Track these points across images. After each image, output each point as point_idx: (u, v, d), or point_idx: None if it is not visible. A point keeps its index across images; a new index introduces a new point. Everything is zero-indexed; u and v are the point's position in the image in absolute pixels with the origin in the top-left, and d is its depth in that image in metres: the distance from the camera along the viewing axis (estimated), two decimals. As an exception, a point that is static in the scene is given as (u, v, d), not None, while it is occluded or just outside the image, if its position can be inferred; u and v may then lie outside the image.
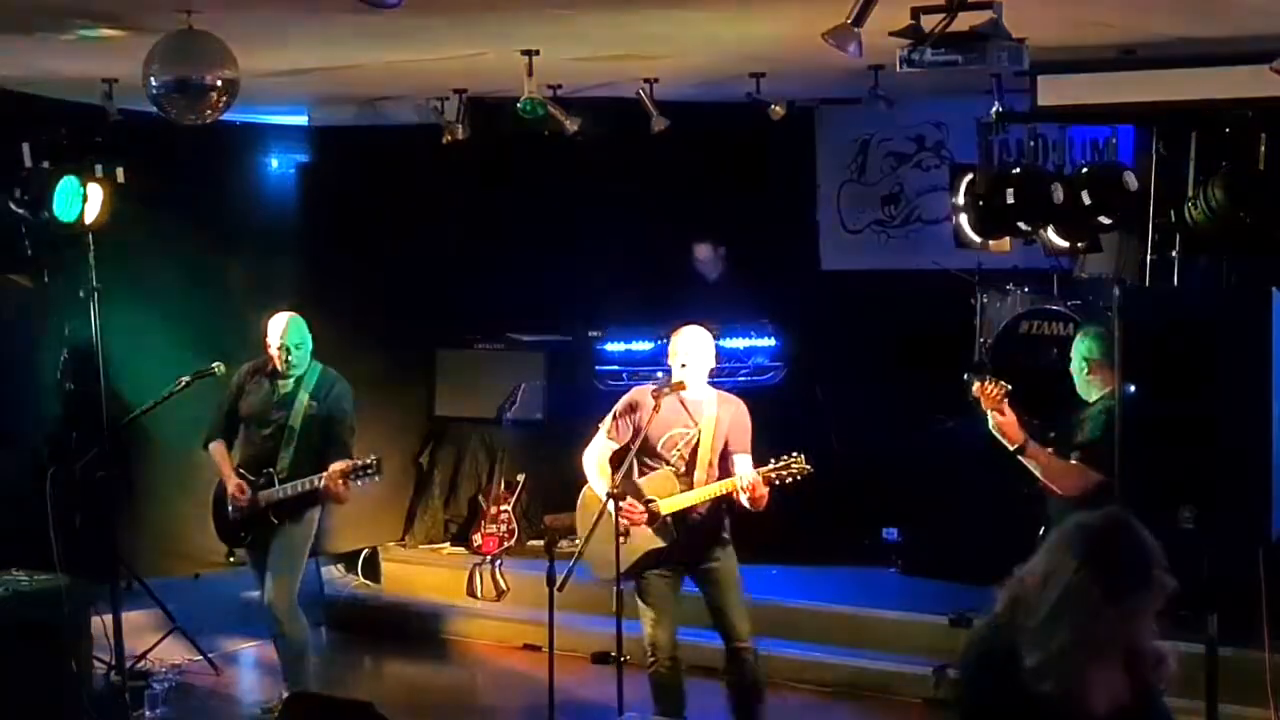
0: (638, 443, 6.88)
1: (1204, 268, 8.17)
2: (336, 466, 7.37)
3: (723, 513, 7.00)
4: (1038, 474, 6.69)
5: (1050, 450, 6.75)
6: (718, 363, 7.25)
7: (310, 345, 7.74)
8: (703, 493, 6.88)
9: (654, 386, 7.00)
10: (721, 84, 9.05)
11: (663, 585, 6.99)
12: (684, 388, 6.87)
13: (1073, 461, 6.66)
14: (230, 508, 7.66)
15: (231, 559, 7.91)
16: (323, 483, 7.40)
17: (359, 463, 7.39)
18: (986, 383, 6.68)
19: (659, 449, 6.95)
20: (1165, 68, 7.43)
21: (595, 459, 7.04)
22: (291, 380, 7.70)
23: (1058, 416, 7.05)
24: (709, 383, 7.06)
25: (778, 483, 6.81)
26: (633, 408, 7.00)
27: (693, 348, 6.99)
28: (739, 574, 7.05)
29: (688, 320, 7.22)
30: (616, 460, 6.99)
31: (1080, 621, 3.34)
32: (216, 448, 7.81)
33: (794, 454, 6.85)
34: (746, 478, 6.79)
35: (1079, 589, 3.35)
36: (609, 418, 7.07)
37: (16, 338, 8.47)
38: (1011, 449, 6.67)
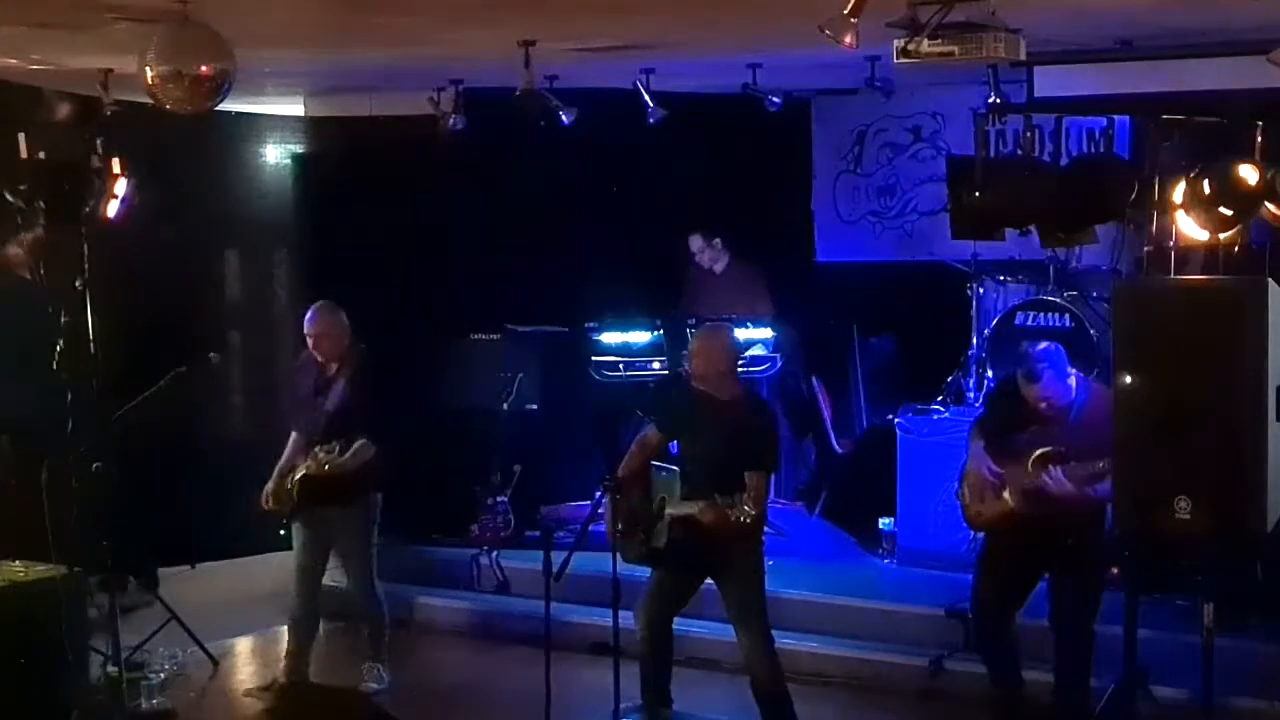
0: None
1: (1200, 259, 8.17)
2: (315, 459, 7.64)
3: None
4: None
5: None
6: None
7: (338, 330, 7.91)
8: (680, 506, 6.83)
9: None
10: (718, 74, 9.06)
11: (664, 572, 7.02)
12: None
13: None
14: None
15: (282, 532, 8.07)
16: (305, 470, 7.69)
17: (321, 456, 7.61)
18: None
19: (683, 448, 6.98)
20: (1162, 58, 7.44)
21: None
22: (332, 367, 7.91)
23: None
24: (742, 382, 7.07)
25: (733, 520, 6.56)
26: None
27: (699, 345, 7.00)
28: (749, 585, 6.95)
29: (683, 312, 7.25)
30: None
31: None
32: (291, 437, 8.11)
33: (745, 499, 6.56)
34: (709, 511, 6.61)
35: None
36: None
37: (11, 328, 8.45)
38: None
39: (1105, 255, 9.33)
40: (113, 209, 8.00)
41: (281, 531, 8.08)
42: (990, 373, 9.28)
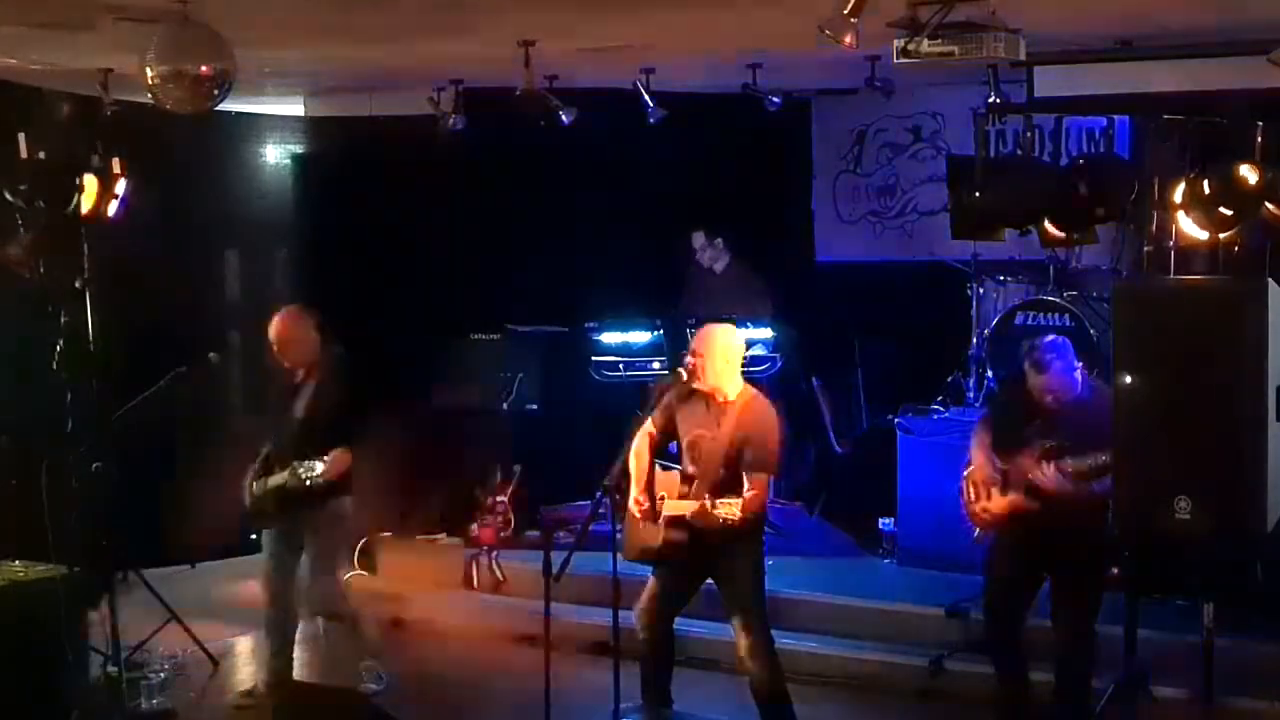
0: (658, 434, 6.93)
1: (1200, 259, 8.18)
2: (296, 476, 7.44)
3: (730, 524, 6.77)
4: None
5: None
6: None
7: (302, 336, 7.74)
8: (675, 506, 6.79)
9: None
10: (718, 74, 9.06)
11: (664, 572, 7.02)
12: (681, 379, 6.83)
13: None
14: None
15: (253, 537, 8.01)
16: (284, 483, 7.54)
17: (302, 473, 7.42)
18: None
19: (685, 448, 6.94)
20: (1162, 58, 7.44)
21: (633, 443, 6.98)
22: (299, 373, 7.76)
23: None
24: (745, 382, 6.92)
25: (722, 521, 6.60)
26: (666, 397, 7.00)
27: (700, 344, 6.94)
28: (748, 585, 6.91)
29: (683, 312, 7.19)
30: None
31: None
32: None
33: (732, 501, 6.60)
34: (699, 514, 6.61)
35: None
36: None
37: (12, 328, 8.46)
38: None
39: (1105, 255, 9.33)
40: (113, 209, 8.00)
41: (253, 536, 8.03)
42: (990, 373, 9.28)
